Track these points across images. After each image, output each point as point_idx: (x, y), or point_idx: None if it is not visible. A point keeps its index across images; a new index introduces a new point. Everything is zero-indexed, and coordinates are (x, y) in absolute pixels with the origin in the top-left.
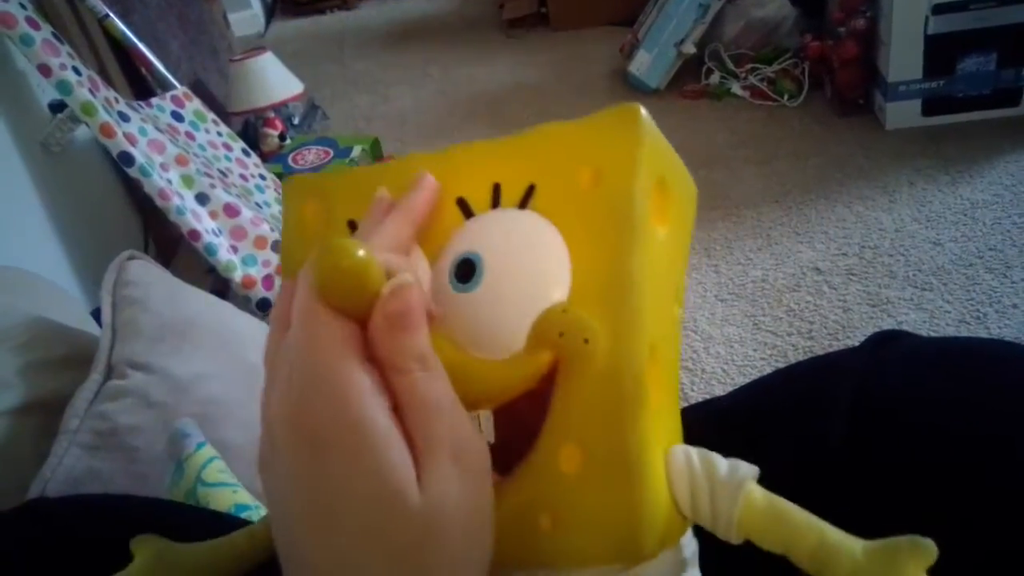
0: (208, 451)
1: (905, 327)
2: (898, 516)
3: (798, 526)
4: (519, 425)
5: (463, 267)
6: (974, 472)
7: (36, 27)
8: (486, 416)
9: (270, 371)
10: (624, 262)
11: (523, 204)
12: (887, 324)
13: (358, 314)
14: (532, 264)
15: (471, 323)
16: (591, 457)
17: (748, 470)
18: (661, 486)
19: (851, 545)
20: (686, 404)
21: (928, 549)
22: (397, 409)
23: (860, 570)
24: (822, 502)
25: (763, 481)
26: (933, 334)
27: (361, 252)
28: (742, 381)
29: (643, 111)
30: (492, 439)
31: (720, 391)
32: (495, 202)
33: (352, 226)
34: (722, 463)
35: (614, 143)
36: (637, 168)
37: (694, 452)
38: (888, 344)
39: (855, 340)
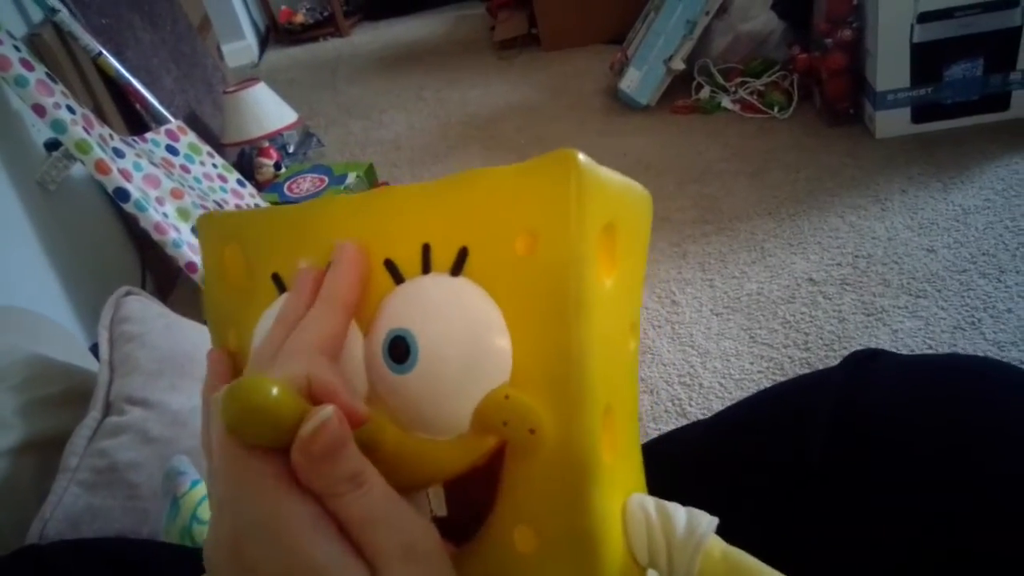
0: (203, 488)
1: (900, 335)
2: (873, 532)
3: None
4: (471, 495)
5: (396, 346)
6: (946, 491)
7: (30, 68)
8: (435, 491)
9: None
10: (567, 338)
11: (456, 270)
12: (882, 333)
13: (278, 446)
14: (469, 342)
15: (411, 405)
16: (545, 538)
17: (707, 525)
18: (617, 554)
19: None
20: (684, 420)
21: None
22: (342, 528)
23: None
24: (801, 518)
25: (743, 499)
26: (929, 341)
27: (275, 391)
28: (740, 395)
29: (579, 156)
30: (444, 512)
31: (718, 405)
32: (425, 266)
33: (277, 281)
34: (680, 518)
35: (550, 201)
36: (575, 230)
37: (651, 505)
38: (866, 363)
39: (851, 350)
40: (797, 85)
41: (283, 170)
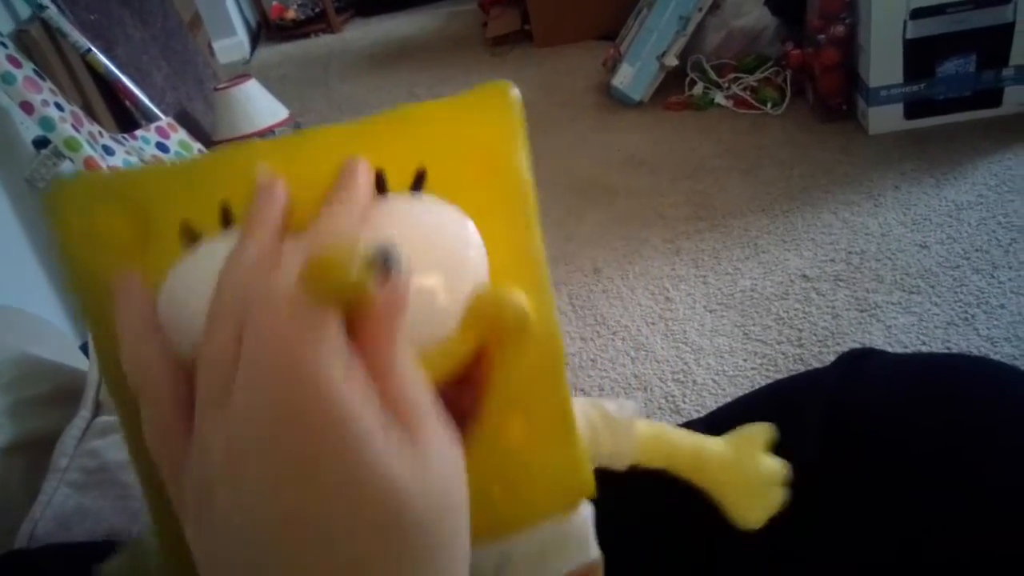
0: None
1: (894, 331)
2: (868, 531)
3: (675, 442)
4: (454, 403)
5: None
6: (940, 491)
7: (17, 65)
8: None
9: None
10: (530, 238)
11: (416, 188)
12: (876, 329)
13: (344, 302)
14: (449, 250)
15: None
16: (535, 421)
17: (632, 405)
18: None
19: (715, 446)
20: (678, 417)
21: (766, 430)
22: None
23: (725, 461)
24: (795, 516)
25: None
26: (922, 337)
27: (363, 251)
28: (734, 391)
29: (513, 89)
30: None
31: (711, 402)
32: (380, 189)
33: (188, 232)
34: (609, 404)
35: (495, 119)
36: (521, 144)
37: (584, 401)
38: (859, 362)
39: (845, 346)
40: (790, 81)
41: None
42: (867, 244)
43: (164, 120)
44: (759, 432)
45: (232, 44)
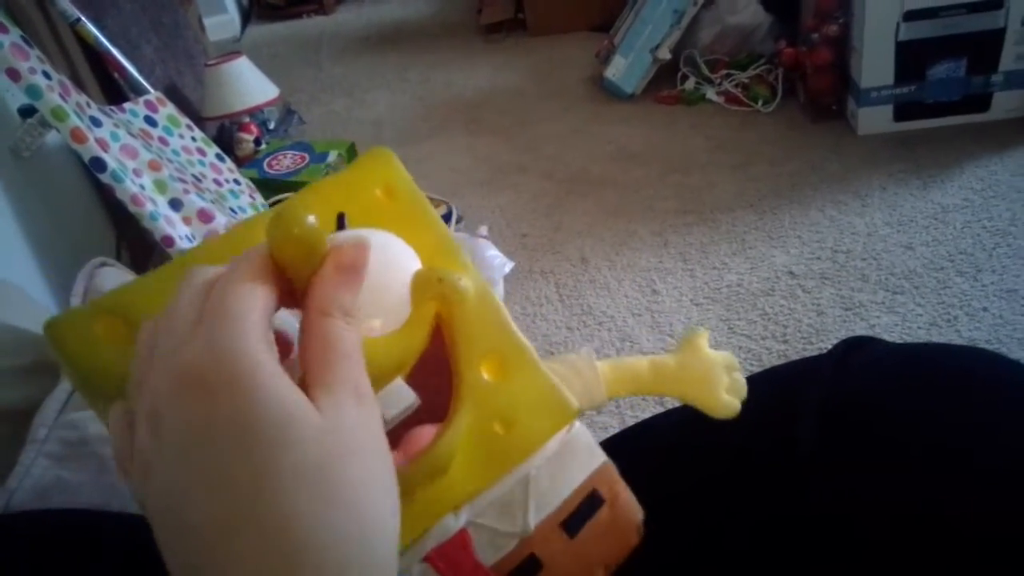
0: None
1: (877, 330)
2: (863, 519)
3: (633, 364)
4: (429, 378)
5: None
6: (935, 480)
7: (4, 31)
8: (399, 383)
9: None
10: (442, 232)
11: (339, 228)
12: (860, 327)
13: (302, 271)
14: (387, 251)
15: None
16: (504, 359)
17: (588, 348)
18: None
19: (666, 355)
20: (661, 407)
21: (703, 330)
22: (305, 348)
23: (679, 361)
24: (790, 503)
25: (731, 486)
26: (905, 337)
27: (311, 219)
28: None
29: (390, 152)
30: (417, 399)
31: None
32: None
33: None
34: (568, 355)
35: (386, 167)
36: (407, 177)
37: (545, 360)
38: (856, 351)
39: (829, 343)
40: (782, 79)
41: (263, 146)
42: (853, 243)
43: (153, 94)
44: (697, 334)
45: (223, 21)
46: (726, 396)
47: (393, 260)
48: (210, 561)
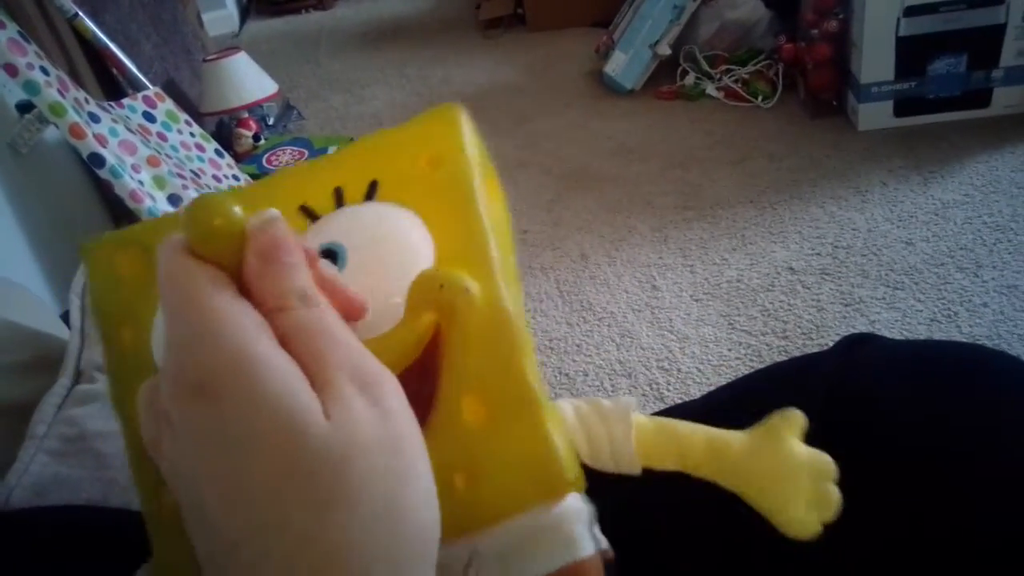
0: None
1: (878, 326)
2: (866, 515)
3: (685, 433)
4: (414, 390)
5: (326, 256)
6: (939, 478)
7: (1, 26)
8: None
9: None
10: (477, 224)
11: (368, 199)
12: (860, 323)
13: (232, 269)
14: (393, 240)
15: None
16: (493, 403)
17: (628, 399)
18: (560, 423)
19: (734, 433)
20: (661, 404)
21: (796, 416)
22: (286, 346)
23: (750, 448)
24: None
25: None
26: (906, 333)
27: (236, 209)
28: (718, 381)
29: (461, 109)
30: None
31: (696, 391)
32: (339, 203)
33: None
34: (604, 400)
35: (442, 132)
36: (467, 148)
37: (576, 400)
38: (858, 347)
39: (829, 339)
40: (782, 75)
41: (262, 142)
42: (853, 239)
43: (151, 89)
44: (787, 417)
45: (221, 17)
46: (804, 511)
47: (388, 253)
48: (235, 562)
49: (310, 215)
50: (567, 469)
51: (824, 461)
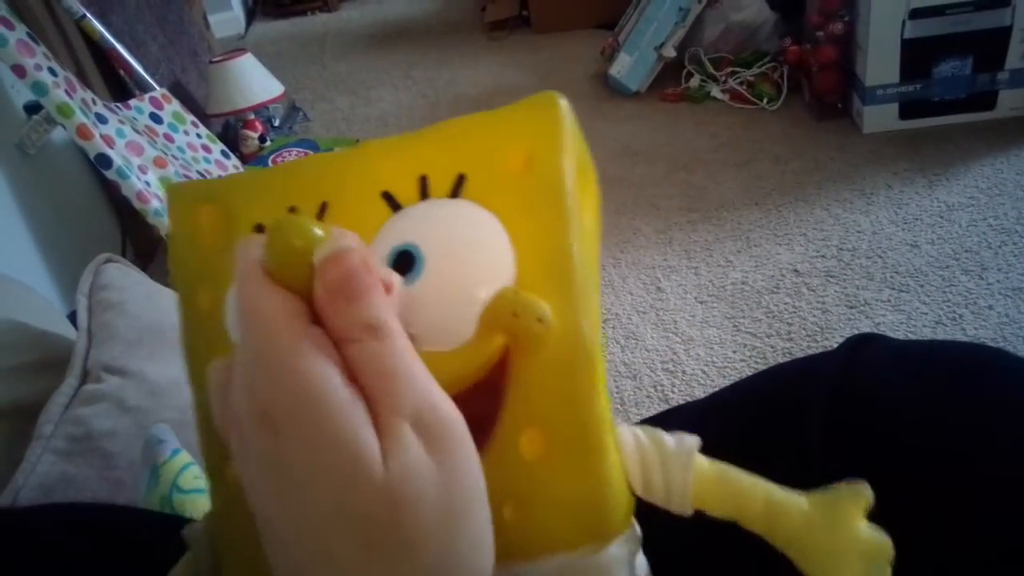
0: (184, 457)
1: (883, 328)
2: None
3: (746, 487)
4: (473, 412)
5: (401, 260)
6: (943, 479)
7: (10, 27)
8: None
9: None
10: (564, 242)
11: (454, 194)
12: (865, 325)
13: (310, 291)
14: (474, 251)
15: (415, 316)
16: (553, 439)
17: (693, 440)
18: (618, 463)
19: (797, 499)
20: (666, 405)
21: (865, 493)
22: (355, 378)
23: (809, 520)
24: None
25: None
26: (910, 335)
27: (318, 232)
28: (722, 382)
29: (562, 98)
30: None
31: (700, 392)
32: (423, 194)
33: (260, 231)
34: (668, 436)
35: (539, 127)
36: (565, 150)
37: (639, 430)
38: (863, 348)
39: (833, 341)
40: (787, 77)
41: (268, 143)
42: (858, 241)
43: (158, 91)
44: (855, 493)
45: (228, 18)
46: None
47: (468, 263)
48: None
49: (392, 204)
50: (615, 520)
51: (882, 544)
